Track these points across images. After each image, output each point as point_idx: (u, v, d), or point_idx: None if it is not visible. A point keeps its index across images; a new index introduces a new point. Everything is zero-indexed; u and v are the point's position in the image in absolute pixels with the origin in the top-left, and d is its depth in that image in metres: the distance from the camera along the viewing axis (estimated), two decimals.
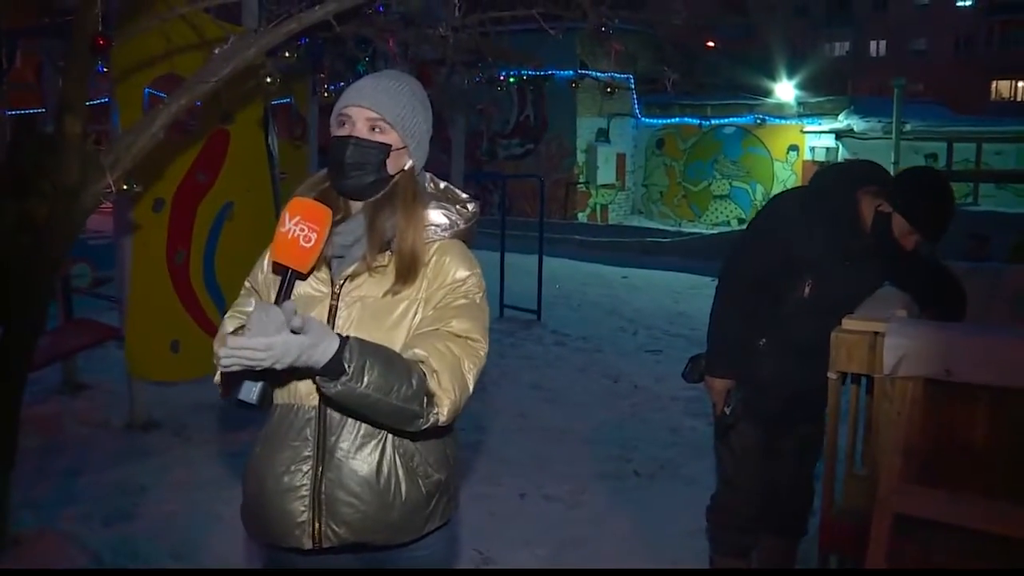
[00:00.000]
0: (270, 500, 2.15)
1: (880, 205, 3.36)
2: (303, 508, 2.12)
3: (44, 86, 7.64)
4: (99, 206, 3.92)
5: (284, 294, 1.95)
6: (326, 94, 6.87)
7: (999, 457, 2.63)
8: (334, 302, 2.13)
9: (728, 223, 24.91)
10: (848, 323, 2.90)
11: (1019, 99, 45.60)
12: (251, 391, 1.93)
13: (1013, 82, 46.55)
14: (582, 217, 25.45)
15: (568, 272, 14.38)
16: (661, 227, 24.05)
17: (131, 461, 5.64)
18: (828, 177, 3.61)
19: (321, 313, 2.11)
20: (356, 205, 2.19)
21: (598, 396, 7.49)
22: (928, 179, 3.47)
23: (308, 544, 2.13)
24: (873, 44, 50.71)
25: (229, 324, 2.22)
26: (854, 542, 2.88)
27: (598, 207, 26.23)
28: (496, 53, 8.84)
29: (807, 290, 3.41)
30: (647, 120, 26.67)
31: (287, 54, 5.72)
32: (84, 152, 3.66)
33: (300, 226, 1.94)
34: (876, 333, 2.77)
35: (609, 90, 9.44)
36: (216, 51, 3.84)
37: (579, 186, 25.60)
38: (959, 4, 48.05)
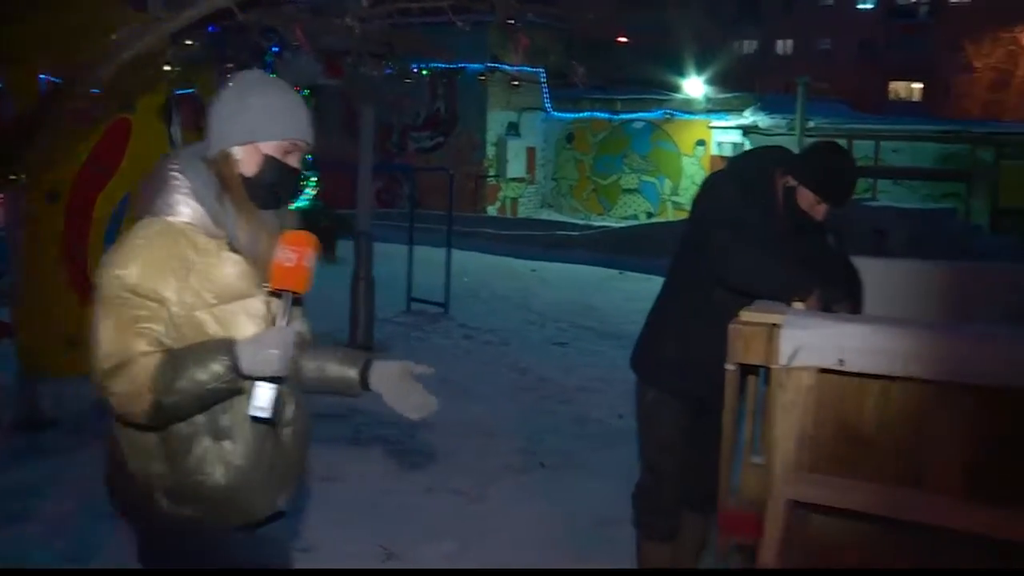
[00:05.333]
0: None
1: (786, 181, 3.47)
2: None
3: None
4: None
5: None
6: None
7: (887, 443, 2.71)
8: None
9: (636, 217, 25.17)
10: (746, 315, 2.95)
11: (915, 99, 47.09)
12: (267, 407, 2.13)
13: (909, 83, 48.04)
14: (492, 210, 25.46)
15: (477, 265, 14.37)
16: (571, 220, 24.21)
17: (24, 461, 5.46)
18: (746, 163, 3.69)
19: (261, 310, 2.30)
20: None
21: (505, 389, 7.51)
22: (826, 149, 3.58)
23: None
24: (780, 43, 51.79)
25: (144, 344, 2.14)
26: (752, 528, 2.93)
27: (508, 200, 26.27)
28: (405, 45, 8.76)
29: None
30: (557, 114, 26.76)
31: (190, 42, 5.60)
32: None
33: (285, 252, 2.17)
34: (773, 325, 2.82)
35: (515, 83, 9.45)
36: (115, 36, 3.74)
37: (489, 179, 25.62)
38: (859, 7, 49.35)
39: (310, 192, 14.62)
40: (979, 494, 2.54)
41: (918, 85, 47.59)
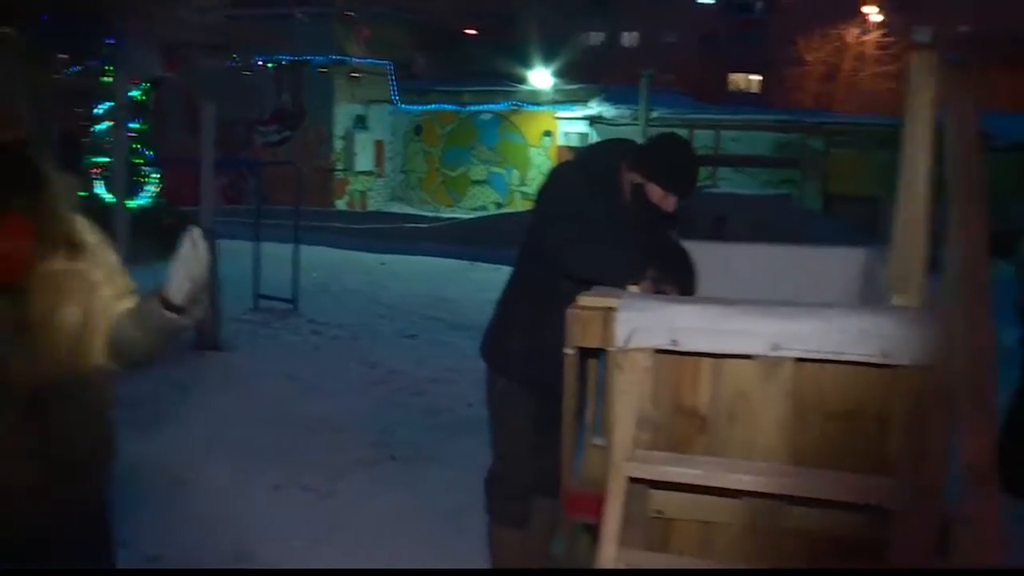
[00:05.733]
0: None
1: (633, 177, 3.55)
2: None
3: None
4: None
5: None
6: (58, 75, 6.50)
7: (720, 419, 2.82)
8: None
9: (486, 208, 25.28)
10: (583, 300, 3.01)
11: (753, 91, 48.89)
12: None
13: (748, 75, 49.82)
14: (341, 204, 25.18)
15: (326, 260, 14.18)
16: (420, 213, 24.15)
17: None
18: (591, 155, 3.76)
19: None
20: None
21: (354, 383, 7.45)
22: (668, 143, 3.68)
23: None
24: (626, 35, 52.81)
25: None
26: (595, 507, 3.01)
27: (357, 194, 26.02)
28: (244, 37, 8.59)
29: None
30: (405, 107, 26.60)
31: (7, 29, 5.37)
32: None
33: None
34: (609, 308, 2.89)
35: (355, 75, 9.41)
36: None
37: (337, 173, 25.33)
38: (700, 1, 50.79)
39: (152, 189, 14.21)
40: (803, 461, 2.68)
41: (756, 77, 49.33)
